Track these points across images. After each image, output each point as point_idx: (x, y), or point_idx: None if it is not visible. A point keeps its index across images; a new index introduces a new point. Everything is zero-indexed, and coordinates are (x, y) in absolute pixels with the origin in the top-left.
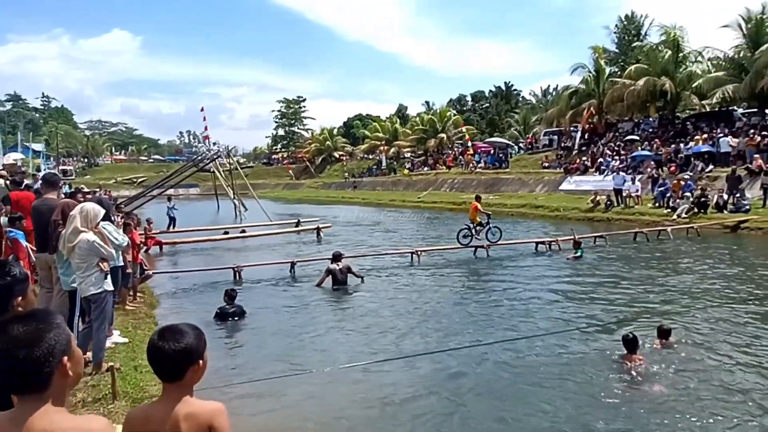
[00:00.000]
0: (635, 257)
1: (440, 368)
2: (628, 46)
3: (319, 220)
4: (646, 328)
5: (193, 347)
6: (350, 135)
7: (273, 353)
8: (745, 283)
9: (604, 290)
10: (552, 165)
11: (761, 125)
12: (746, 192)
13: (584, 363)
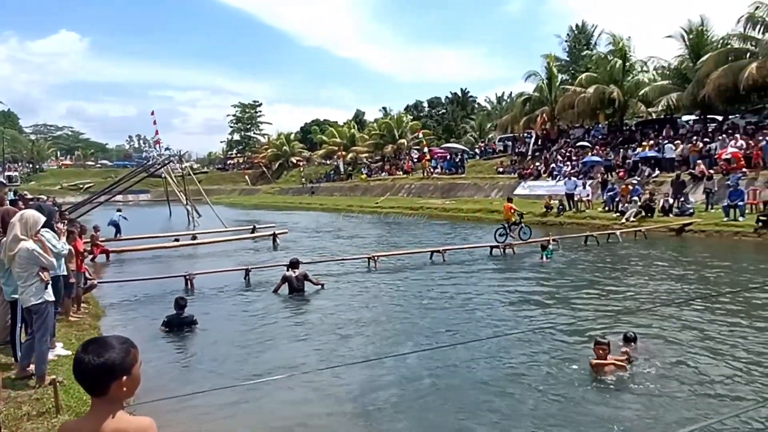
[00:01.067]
0: (587, 260)
1: (394, 373)
2: (579, 54)
3: (276, 226)
4: (601, 330)
5: (116, 362)
6: (307, 140)
7: (224, 362)
8: (692, 283)
9: (557, 293)
10: (507, 170)
11: (703, 132)
12: (690, 196)
13: (542, 364)
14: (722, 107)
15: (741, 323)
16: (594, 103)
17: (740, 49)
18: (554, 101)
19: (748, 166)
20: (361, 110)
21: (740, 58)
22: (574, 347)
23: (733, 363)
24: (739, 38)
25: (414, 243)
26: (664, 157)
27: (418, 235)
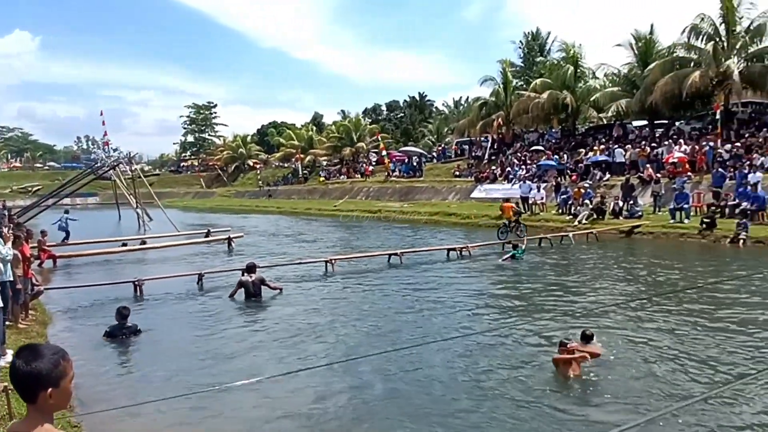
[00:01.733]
0: (541, 262)
1: (349, 378)
2: (533, 61)
3: (231, 229)
4: (558, 329)
5: (42, 372)
6: (264, 143)
7: (174, 371)
8: (642, 283)
9: (513, 294)
10: (463, 174)
11: (651, 137)
12: (639, 199)
13: (498, 366)
14: (668, 113)
15: (689, 320)
16: (548, 108)
17: (685, 58)
18: (509, 106)
19: (693, 170)
20: (319, 113)
21: (685, 67)
22: (529, 348)
23: (683, 358)
24: (684, 48)
25: (372, 246)
26: (614, 161)
27: (377, 238)
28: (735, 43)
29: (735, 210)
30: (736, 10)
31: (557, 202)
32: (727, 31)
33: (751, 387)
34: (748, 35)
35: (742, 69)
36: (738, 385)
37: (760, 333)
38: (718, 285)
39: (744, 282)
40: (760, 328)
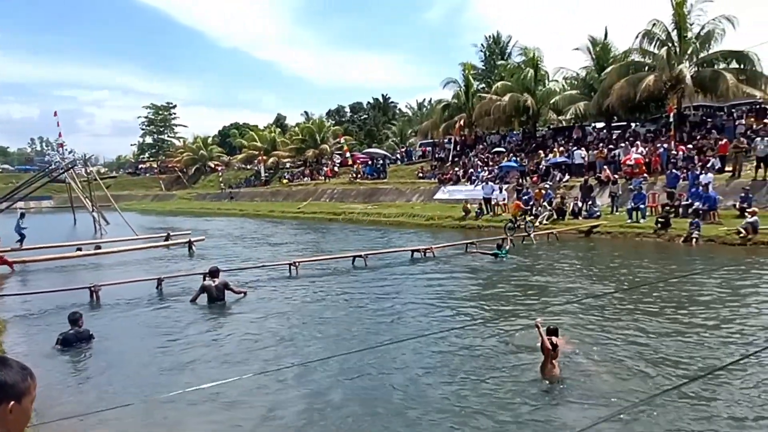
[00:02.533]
0: (505, 262)
1: (310, 381)
2: (494, 64)
3: (191, 233)
4: (521, 327)
5: (9, 382)
6: (226, 144)
7: (130, 378)
8: (601, 280)
9: (476, 293)
10: (427, 175)
11: (608, 139)
12: (597, 199)
13: (461, 365)
14: (624, 116)
15: (650, 317)
16: (509, 110)
17: (639, 63)
18: (471, 108)
19: (648, 171)
20: (282, 114)
21: (639, 71)
22: (490, 347)
23: (648, 353)
24: (639, 52)
25: (337, 248)
26: (573, 163)
27: (342, 240)
28: (687, 49)
29: (688, 210)
30: (687, 17)
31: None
32: (679, 36)
33: (715, 382)
34: (699, 41)
35: (693, 73)
36: (704, 378)
37: (720, 328)
38: (676, 282)
39: (703, 279)
40: (721, 322)
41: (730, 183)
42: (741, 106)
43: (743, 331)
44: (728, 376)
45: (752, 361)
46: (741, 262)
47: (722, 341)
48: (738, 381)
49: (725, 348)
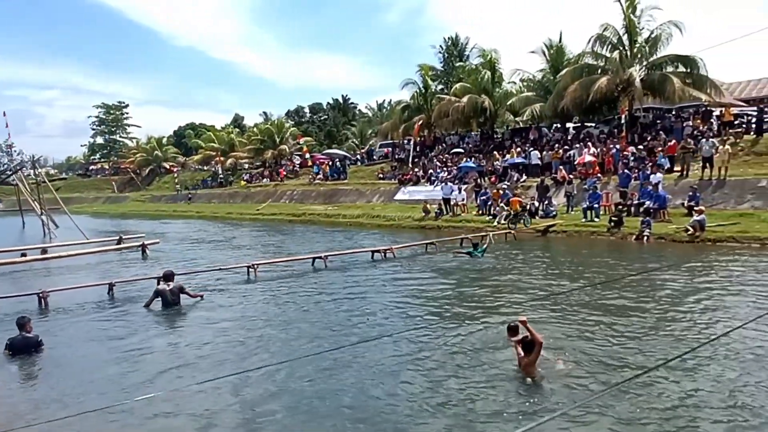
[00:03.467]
0: (463, 261)
1: (265, 385)
2: (453, 65)
3: (145, 236)
4: (480, 325)
5: None
6: (182, 145)
7: (78, 386)
8: (558, 278)
9: (437, 293)
10: (387, 176)
11: (563, 140)
12: (553, 199)
13: (414, 366)
14: (579, 117)
15: (609, 311)
16: (467, 111)
17: (592, 66)
18: (430, 109)
19: (602, 171)
20: (240, 114)
21: (592, 74)
22: (451, 345)
23: (609, 346)
24: (591, 55)
25: (297, 249)
26: (530, 163)
27: (301, 242)
28: (637, 52)
29: (639, 209)
30: (637, 22)
31: (477, 203)
32: (629, 40)
33: (674, 371)
34: (648, 45)
35: (643, 76)
36: (664, 367)
37: (673, 322)
38: (631, 280)
39: (658, 275)
40: (673, 317)
41: (678, 182)
42: (688, 109)
43: (695, 323)
44: (682, 366)
45: (691, 358)
46: (691, 259)
47: (675, 334)
48: (689, 372)
49: (677, 341)
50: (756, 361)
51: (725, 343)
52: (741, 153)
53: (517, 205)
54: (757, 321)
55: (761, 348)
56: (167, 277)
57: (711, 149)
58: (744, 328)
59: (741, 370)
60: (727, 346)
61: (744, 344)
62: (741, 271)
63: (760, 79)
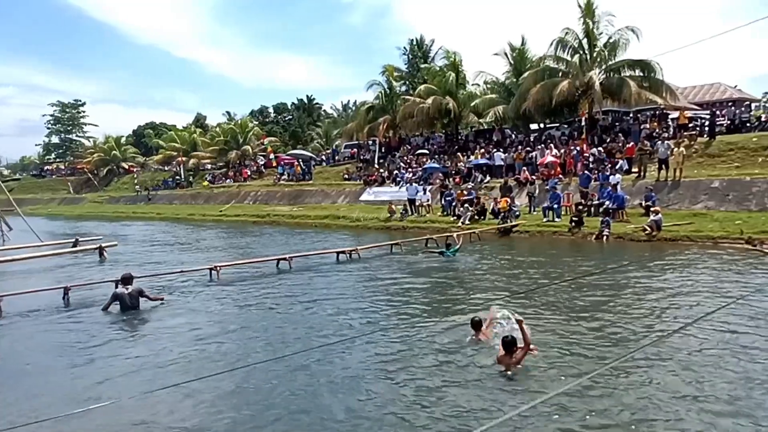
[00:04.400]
0: (428, 261)
1: (229, 389)
2: (418, 67)
3: (102, 238)
4: (443, 322)
5: None
6: (142, 144)
7: (34, 394)
8: (522, 277)
9: (403, 294)
10: (352, 177)
11: (526, 142)
12: (516, 200)
13: (381, 366)
14: (540, 119)
15: (558, 311)
16: (432, 113)
17: (554, 69)
18: (395, 110)
19: (564, 172)
20: (202, 114)
21: (554, 77)
22: (414, 346)
23: (572, 341)
24: (553, 59)
25: (261, 251)
26: (494, 165)
27: (266, 243)
28: (596, 57)
29: (599, 209)
30: (596, 26)
31: (442, 204)
32: (589, 45)
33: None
34: (607, 49)
35: (602, 80)
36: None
37: (634, 317)
38: (590, 277)
39: (617, 274)
40: (634, 311)
41: (635, 183)
42: (645, 111)
43: (650, 321)
44: (638, 363)
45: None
46: (648, 257)
47: (635, 328)
48: (650, 364)
49: (637, 335)
50: (699, 359)
51: (678, 339)
52: (695, 155)
53: (505, 203)
54: (706, 318)
55: (709, 345)
56: (126, 280)
57: (666, 151)
58: (694, 326)
59: (691, 364)
60: (678, 342)
61: (695, 340)
62: (695, 269)
63: (712, 84)
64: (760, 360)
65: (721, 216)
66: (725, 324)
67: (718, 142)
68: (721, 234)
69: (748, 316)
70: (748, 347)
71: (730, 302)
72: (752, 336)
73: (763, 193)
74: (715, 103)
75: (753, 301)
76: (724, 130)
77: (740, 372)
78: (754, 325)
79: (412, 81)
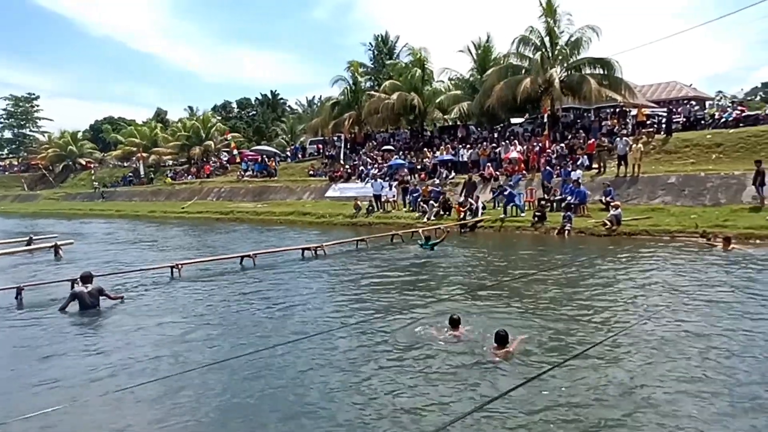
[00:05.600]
0: (395, 257)
1: (190, 389)
2: (383, 63)
3: (58, 236)
4: (405, 320)
5: None
6: (99, 140)
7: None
8: (487, 272)
9: (370, 290)
10: (318, 173)
11: (490, 138)
12: (480, 196)
13: (338, 363)
14: (504, 116)
15: (526, 304)
16: (397, 109)
17: (517, 66)
18: (360, 106)
19: (527, 168)
20: (163, 109)
21: (517, 74)
22: (374, 344)
23: (539, 332)
24: (516, 56)
25: (224, 248)
26: (459, 161)
27: (229, 240)
28: (558, 54)
29: (561, 204)
30: (557, 25)
31: (408, 200)
32: (551, 43)
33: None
34: (569, 47)
35: (563, 78)
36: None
37: (594, 310)
38: (552, 270)
39: (588, 267)
40: (593, 304)
41: (595, 179)
42: (606, 109)
43: (609, 314)
44: (596, 355)
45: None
46: (608, 251)
47: (595, 323)
48: (601, 361)
49: (594, 331)
50: (658, 349)
51: (636, 332)
52: (653, 151)
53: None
54: (662, 312)
55: (664, 336)
56: (85, 279)
57: (625, 148)
58: (649, 320)
59: (647, 358)
60: (636, 335)
61: (652, 333)
62: (652, 263)
63: (669, 83)
64: (715, 346)
65: (678, 210)
66: (681, 315)
67: (675, 139)
68: (678, 228)
69: (703, 307)
70: (701, 335)
71: (684, 295)
72: (704, 326)
73: (717, 189)
74: (672, 101)
75: (707, 292)
76: (680, 127)
77: (696, 359)
78: (709, 315)
79: (378, 77)
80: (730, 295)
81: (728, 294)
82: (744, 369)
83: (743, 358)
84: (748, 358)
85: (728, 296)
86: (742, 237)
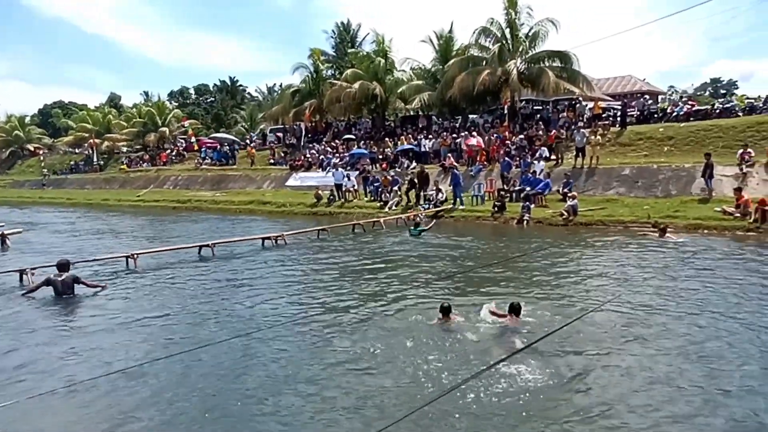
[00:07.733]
0: (357, 247)
1: (144, 383)
2: (345, 51)
3: (5, 225)
4: (380, 307)
5: None
6: (49, 125)
7: None
8: (450, 260)
9: (331, 279)
10: (278, 161)
11: (451, 128)
12: (441, 186)
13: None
14: (465, 106)
15: (480, 293)
16: (359, 98)
17: (478, 57)
18: (322, 95)
19: (487, 159)
20: (116, 94)
21: (478, 65)
22: (351, 329)
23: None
24: (477, 47)
25: (182, 238)
26: (421, 151)
27: (187, 230)
28: (518, 47)
29: (520, 194)
30: (518, 17)
31: (369, 189)
32: (511, 35)
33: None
34: (528, 40)
35: (522, 70)
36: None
37: (551, 298)
38: (509, 259)
39: (536, 256)
40: (550, 293)
41: (553, 170)
42: (564, 101)
43: (563, 302)
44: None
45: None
46: (565, 240)
47: (551, 310)
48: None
49: (553, 316)
50: (613, 339)
51: (588, 322)
52: (608, 144)
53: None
54: (614, 301)
55: (615, 327)
56: (61, 267)
57: (582, 140)
58: (602, 309)
59: (599, 348)
60: (588, 325)
61: (603, 323)
62: (607, 251)
63: (624, 76)
64: (666, 332)
65: (631, 201)
66: (634, 302)
67: (629, 131)
68: (631, 218)
69: (654, 294)
70: (654, 324)
71: (637, 282)
72: (659, 313)
73: (668, 180)
74: (627, 95)
75: (659, 279)
76: (634, 120)
77: (651, 342)
78: (662, 302)
79: (339, 65)
80: (670, 279)
81: (669, 278)
82: (686, 339)
83: (688, 335)
84: (693, 329)
85: (670, 281)
86: (691, 227)
